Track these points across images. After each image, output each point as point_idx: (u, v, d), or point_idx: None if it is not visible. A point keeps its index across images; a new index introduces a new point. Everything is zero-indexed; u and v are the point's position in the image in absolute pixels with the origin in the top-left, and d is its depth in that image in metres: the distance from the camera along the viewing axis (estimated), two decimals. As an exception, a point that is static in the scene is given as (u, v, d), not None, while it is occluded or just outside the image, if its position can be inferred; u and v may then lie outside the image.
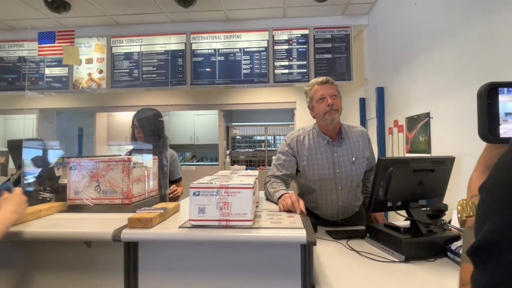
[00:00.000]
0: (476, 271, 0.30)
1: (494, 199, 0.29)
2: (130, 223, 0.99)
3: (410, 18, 2.36)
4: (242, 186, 0.97)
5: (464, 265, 0.42)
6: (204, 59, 3.47)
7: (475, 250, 0.29)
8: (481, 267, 0.28)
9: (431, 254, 1.18)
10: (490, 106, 0.43)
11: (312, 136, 1.64)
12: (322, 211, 1.65)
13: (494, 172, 0.30)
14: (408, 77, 2.40)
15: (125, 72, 3.53)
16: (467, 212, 0.46)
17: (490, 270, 0.27)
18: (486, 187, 0.30)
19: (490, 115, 0.43)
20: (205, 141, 6.21)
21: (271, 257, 0.98)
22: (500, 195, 0.28)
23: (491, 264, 0.27)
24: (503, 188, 0.28)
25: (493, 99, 0.43)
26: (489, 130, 0.43)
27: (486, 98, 0.43)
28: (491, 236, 0.27)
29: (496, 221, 0.27)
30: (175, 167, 2.20)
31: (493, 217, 0.28)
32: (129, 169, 1.31)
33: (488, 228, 0.28)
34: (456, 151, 1.67)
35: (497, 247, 0.26)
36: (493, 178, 0.30)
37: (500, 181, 0.28)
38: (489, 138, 0.43)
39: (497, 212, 0.27)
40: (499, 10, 1.42)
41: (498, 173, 0.29)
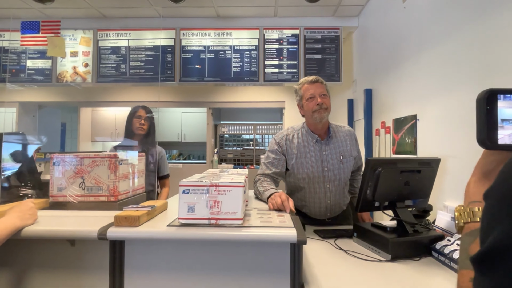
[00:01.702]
0: (481, 277, 0.29)
1: (504, 204, 0.28)
2: (117, 221, 0.96)
3: (399, 21, 2.40)
4: (232, 185, 0.96)
5: (462, 272, 0.41)
6: (193, 55, 3.42)
7: (483, 256, 0.29)
8: (489, 273, 0.28)
9: (416, 253, 1.21)
10: (489, 112, 0.43)
11: (301, 134, 1.66)
12: (310, 210, 1.67)
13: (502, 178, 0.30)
14: (396, 79, 2.44)
15: (112, 67, 3.44)
16: (465, 218, 0.46)
17: (498, 276, 0.27)
18: (494, 192, 0.30)
19: (488, 122, 0.43)
20: (192, 139, 6.15)
21: (260, 256, 0.97)
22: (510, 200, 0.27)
23: (499, 270, 0.27)
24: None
25: (492, 105, 0.43)
26: (487, 137, 0.43)
27: (485, 105, 0.43)
28: (501, 241, 0.27)
29: (508, 225, 0.27)
30: (163, 164, 2.22)
31: (504, 222, 0.27)
32: (115, 166, 1.27)
33: (497, 234, 0.27)
34: (441, 153, 1.72)
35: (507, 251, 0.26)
36: (502, 183, 0.29)
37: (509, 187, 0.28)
38: (487, 145, 0.44)
39: (508, 216, 0.27)
40: (486, 16, 1.46)
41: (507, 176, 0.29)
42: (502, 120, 0.43)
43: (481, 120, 0.43)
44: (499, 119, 0.43)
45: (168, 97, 5.09)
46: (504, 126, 0.43)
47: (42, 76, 3.49)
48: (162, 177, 2.23)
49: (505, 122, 0.43)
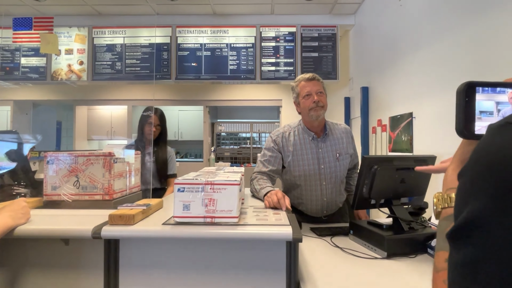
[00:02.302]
0: (454, 251, 0.30)
1: (475, 180, 0.29)
2: (111, 220, 0.95)
3: (395, 19, 2.40)
4: (228, 183, 0.95)
5: (438, 253, 0.43)
6: (190, 53, 3.40)
7: (457, 231, 0.30)
8: (461, 246, 0.29)
9: (412, 250, 1.21)
10: (467, 104, 0.45)
11: (298, 132, 1.66)
12: (306, 207, 1.67)
13: (474, 157, 0.31)
14: (392, 77, 2.45)
15: (107, 65, 3.42)
16: (443, 204, 0.48)
17: (470, 248, 0.28)
18: (466, 171, 0.31)
19: (467, 113, 0.45)
20: (189, 137, 6.13)
21: (256, 254, 0.97)
22: (482, 174, 0.28)
23: (471, 242, 0.28)
24: (485, 168, 0.28)
25: (471, 97, 0.45)
26: (465, 127, 0.45)
27: (464, 96, 0.45)
28: (473, 215, 0.28)
29: (479, 200, 0.28)
30: (171, 163, 2.34)
31: (476, 197, 0.28)
32: (110, 164, 1.26)
33: (470, 209, 0.28)
34: (437, 150, 1.72)
35: (479, 224, 0.27)
36: (474, 162, 0.30)
37: (482, 162, 0.29)
38: (465, 134, 0.45)
39: (480, 191, 0.28)
40: (482, 15, 1.47)
41: (478, 155, 0.30)
42: (480, 112, 0.45)
43: (459, 111, 0.45)
44: (477, 111, 0.45)
45: (165, 95, 5.06)
46: (482, 117, 0.45)
47: (36, 74, 3.45)
48: (170, 176, 2.33)
49: (482, 114, 0.45)
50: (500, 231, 0.25)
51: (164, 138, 2.28)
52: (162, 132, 2.26)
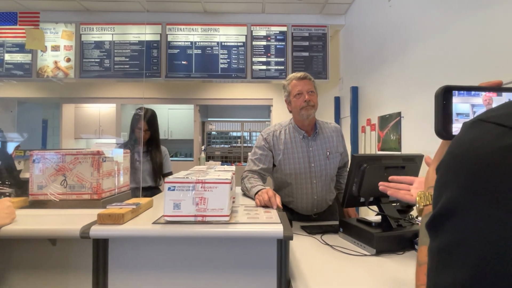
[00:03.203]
0: (431, 240, 0.32)
1: (449, 172, 0.31)
2: (100, 219, 0.94)
3: (384, 20, 2.44)
4: (219, 181, 0.95)
5: (421, 247, 0.45)
6: (180, 51, 3.37)
7: (433, 220, 0.31)
8: (438, 234, 0.30)
9: (400, 247, 1.24)
10: (445, 106, 0.47)
11: (288, 130, 1.67)
12: (297, 205, 1.68)
13: (449, 151, 0.32)
14: (382, 77, 2.48)
15: (96, 62, 3.35)
16: (424, 201, 0.50)
17: (446, 235, 0.29)
18: (442, 165, 0.33)
19: (444, 115, 0.47)
20: (179, 136, 6.08)
21: (247, 253, 0.97)
22: (455, 166, 0.30)
23: (446, 229, 0.29)
24: (458, 160, 0.30)
25: (448, 100, 0.47)
26: (443, 128, 0.47)
27: (442, 100, 0.47)
28: (448, 203, 0.29)
29: (453, 189, 0.29)
30: (166, 162, 2.40)
31: (450, 187, 0.30)
32: (99, 163, 1.24)
33: (445, 197, 0.30)
34: (424, 149, 1.76)
35: (454, 211, 0.28)
36: (448, 156, 0.32)
37: (455, 155, 0.31)
38: (443, 135, 0.48)
39: (453, 181, 0.30)
40: (470, 15, 1.50)
41: (452, 149, 0.32)
42: (457, 114, 0.47)
43: (438, 114, 0.47)
44: (454, 113, 0.47)
45: (155, 93, 5.01)
46: (459, 119, 0.47)
47: (21, 70, 3.36)
48: (166, 175, 2.37)
49: (459, 116, 0.48)
50: (472, 217, 0.27)
51: (156, 139, 2.29)
52: (153, 134, 2.26)
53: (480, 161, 0.28)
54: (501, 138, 0.27)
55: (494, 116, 0.30)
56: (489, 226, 0.26)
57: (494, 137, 0.28)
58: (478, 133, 0.30)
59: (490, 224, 0.25)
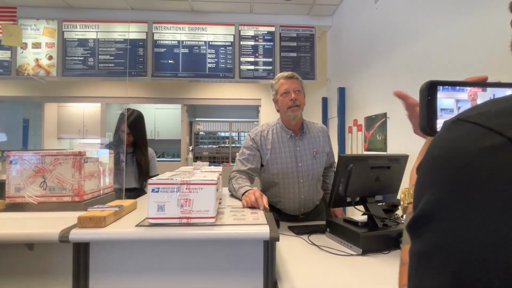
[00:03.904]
0: (412, 243, 0.31)
1: (429, 173, 0.30)
2: (81, 222, 0.91)
3: (371, 22, 2.47)
4: (205, 182, 0.93)
5: (404, 246, 0.44)
6: (166, 50, 3.32)
7: (413, 223, 0.31)
8: (418, 237, 0.30)
9: (385, 246, 1.25)
10: (429, 102, 0.46)
11: (276, 130, 1.67)
12: (284, 205, 1.68)
13: (429, 151, 0.32)
14: (368, 78, 2.51)
15: (79, 60, 3.26)
16: (409, 199, 0.50)
17: (426, 238, 0.29)
18: (422, 165, 0.32)
19: (429, 111, 0.46)
20: (166, 136, 5.99)
21: (234, 254, 0.96)
22: (435, 167, 0.29)
23: (427, 233, 0.29)
24: (437, 161, 0.29)
25: (433, 95, 0.46)
26: (427, 124, 0.46)
27: (426, 95, 0.46)
28: (428, 206, 0.29)
29: (433, 191, 0.29)
30: (153, 164, 2.36)
31: (430, 188, 0.29)
32: (80, 164, 1.20)
33: (425, 200, 0.29)
34: (409, 149, 1.78)
35: (434, 214, 0.28)
36: (428, 156, 0.31)
37: (434, 155, 0.30)
38: (428, 131, 0.47)
39: (433, 183, 0.29)
40: (453, 20, 1.54)
41: (432, 150, 0.31)
42: (441, 109, 0.46)
43: (422, 109, 0.46)
44: (438, 108, 0.46)
45: (140, 93, 4.92)
46: (443, 115, 0.46)
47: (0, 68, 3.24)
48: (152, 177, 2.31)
49: (444, 111, 0.47)
50: (451, 221, 0.26)
51: (142, 141, 2.24)
52: (137, 137, 2.21)
53: (458, 163, 0.27)
54: (480, 139, 0.27)
55: (474, 116, 0.29)
56: (468, 232, 0.25)
57: (473, 138, 0.27)
58: (457, 133, 0.29)
59: (469, 230, 0.25)
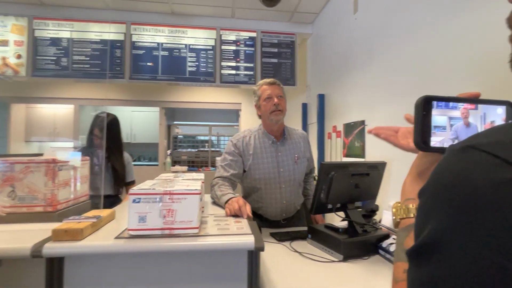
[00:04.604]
0: (414, 268, 0.31)
1: (437, 200, 0.29)
2: (55, 236, 0.86)
3: (350, 32, 2.54)
4: (188, 192, 0.91)
5: (397, 264, 0.44)
6: (145, 52, 3.25)
7: (418, 250, 0.30)
8: (421, 264, 0.29)
9: (365, 252, 1.28)
10: (424, 117, 0.46)
11: (258, 136, 1.69)
12: (266, 211, 1.68)
13: (435, 177, 0.31)
14: (347, 86, 2.58)
15: (51, 60, 3.11)
16: (401, 214, 0.49)
17: (430, 268, 0.28)
18: (426, 191, 0.32)
19: (424, 126, 0.46)
20: (143, 140, 5.84)
21: (217, 265, 0.94)
22: (443, 195, 0.29)
23: (432, 262, 0.28)
24: (446, 189, 0.29)
25: (428, 111, 0.47)
26: (422, 140, 0.46)
27: (422, 110, 0.46)
28: (434, 235, 0.28)
29: (440, 220, 0.28)
30: (129, 170, 2.29)
31: (437, 217, 0.29)
32: (54, 172, 1.14)
33: (431, 228, 0.29)
34: (386, 156, 1.85)
35: (440, 244, 0.27)
36: (434, 181, 0.31)
37: (443, 182, 0.29)
38: (422, 147, 0.47)
39: (441, 211, 0.28)
40: (427, 33, 1.62)
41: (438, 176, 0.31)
42: (434, 127, 0.47)
43: (417, 125, 0.47)
44: (432, 125, 0.47)
45: (117, 95, 4.77)
46: (436, 132, 0.47)
47: (-39, 66, 3.02)
48: (128, 183, 2.27)
49: (436, 128, 0.47)
50: (458, 253, 0.26)
51: (117, 145, 2.18)
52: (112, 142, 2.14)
53: (470, 194, 0.26)
54: (494, 171, 0.26)
55: (486, 144, 0.28)
56: (476, 266, 0.25)
57: (486, 169, 0.26)
58: (469, 161, 0.28)
59: (477, 264, 0.25)
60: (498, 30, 1.19)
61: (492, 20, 1.22)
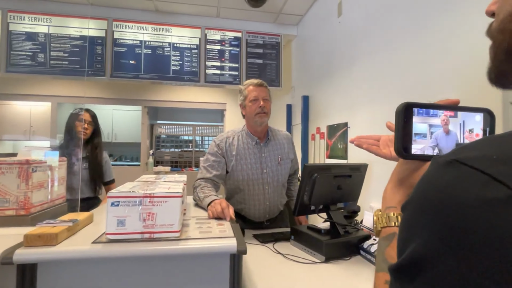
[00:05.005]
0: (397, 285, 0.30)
1: (421, 217, 0.28)
2: (27, 241, 0.81)
3: (333, 35, 2.58)
4: (169, 195, 0.89)
5: (378, 274, 0.43)
6: (128, 50, 3.17)
7: (400, 268, 0.29)
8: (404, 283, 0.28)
9: (347, 253, 1.30)
10: (405, 124, 0.46)
11: (241, 137, 1.68)
12: (249, 212, 1.68)
13: (419, 191, 0.29)
14: (330, 88, 2.62)
15: (27, 55, 2.98)
16: (382, 223, 0.48)
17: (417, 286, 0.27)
18: (411, 205, 0.30)
19: (405, 133, 0.46)
20: (124, 139, 5.70)
21: (199, 268, 0.93)
22: (428, 211, 0.27)
23: (416, 282, 0.27)
24: (432, 204, 0.27)
25: (408, 118, 0.46)
26: (403, 147, 0.46)
27: (402, 117, 0.46)
28: (418, 254, 0.27)
29: (424, 238, 0.27)
30: (108, 169, 2.18)
31: (421, 235, 0.27)
32: (27, 174, 1.09)
33: (415, 246, 0.27)
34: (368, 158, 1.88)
35: (423, 265, 0.26)
36: (419, 196, 0.29)
37: (428, 197, 0.28)
38: (403, 154, 0.47)
39: (425, 229, 0.27)
40: (408, 40, 1.66)
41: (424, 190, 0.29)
42: (415, 134, 0.47)
43: (398, 132, 0.46)
44: (413, 133, 0.46)
45: (97, 92, 4.62)
46: (417, 140, 0.47)
47: None
48: (107, 183, 2.17)
49: (417, 136, 0.47)
50: (443, 274, 0.25)
51: (97, 141, 2.09)
52: (95, 133, 2.07)
53: (458, 213, 0.25)
54: (482, 189, 0.24)
55: (473, 159, 0.26)
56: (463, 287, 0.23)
57: (474, 186, 0.25)
58: (455, 176, 0.26)
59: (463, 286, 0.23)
60: (477, 38, 1.24)
61: (472, 27, 1.26)
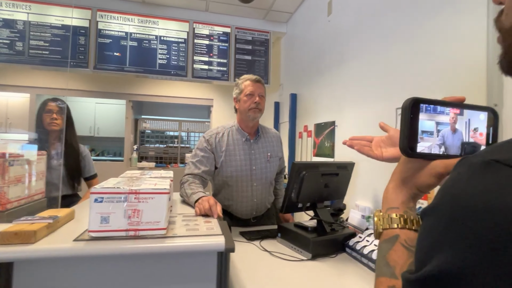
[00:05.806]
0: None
1: (454, 226, 0.25)
2: (3, 239, 0.77)
3: (323, 34, 2.59)
4: (156, 192, 0.87)
5: (380, 279, 0.41)
6: (112, 41, 3.07)
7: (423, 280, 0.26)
8: None
9: (333, 250, 1.31)
10: (412, 121, 0.44)
11: (231, 132, 1.67)
12: (236, 208, 1.67)
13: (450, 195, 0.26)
14: (318, 87, 2.63)
15: (4, 44, 2.83)
16: (384, 225, 0.46)
17: None
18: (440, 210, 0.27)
19: (411, 130, 0.44)
20: (108, 134, 5.55)
21: (185, 267, 0.91)
22: (465, 221, 0.24)
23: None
24: (469, 214, 0.24)
25: (415, 114, 0.44)
26: (409, 145, 0.43)
27: (409, 113, 0.43)
28: (449, 268, 0.24)
29: (458, 251, 0.24)
30: (88, 163, 2.05)
31: (455, 246, 0.24)
32: (4, 167, 1.03)
33: (444, 258, 0.25)
34: (354, 156, 1.90)
35: (456, 280, 0.24)
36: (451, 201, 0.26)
37: (463, 204, 0.25)
38: (408, 153, 0.44)
39: (460, 241, 0.24)
40: (395, 41, 1.68)
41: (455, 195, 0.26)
42: (422, 132, 0.44)
43: (404, 128, 0.44)
44: (420, 130, 0.44)
45: (80, 85, 4.47)
46: (424, 137, 0.44)
47: None
48: (88, 178, 2.06)
49: (424, 134, 0.44)
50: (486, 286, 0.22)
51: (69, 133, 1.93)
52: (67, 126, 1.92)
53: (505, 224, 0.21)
54: None
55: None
56: None
57: None
58: (497, 180, 0.23)
59: None
60: (464, 41, 1.26)
61: (459, 30, 1.29)
